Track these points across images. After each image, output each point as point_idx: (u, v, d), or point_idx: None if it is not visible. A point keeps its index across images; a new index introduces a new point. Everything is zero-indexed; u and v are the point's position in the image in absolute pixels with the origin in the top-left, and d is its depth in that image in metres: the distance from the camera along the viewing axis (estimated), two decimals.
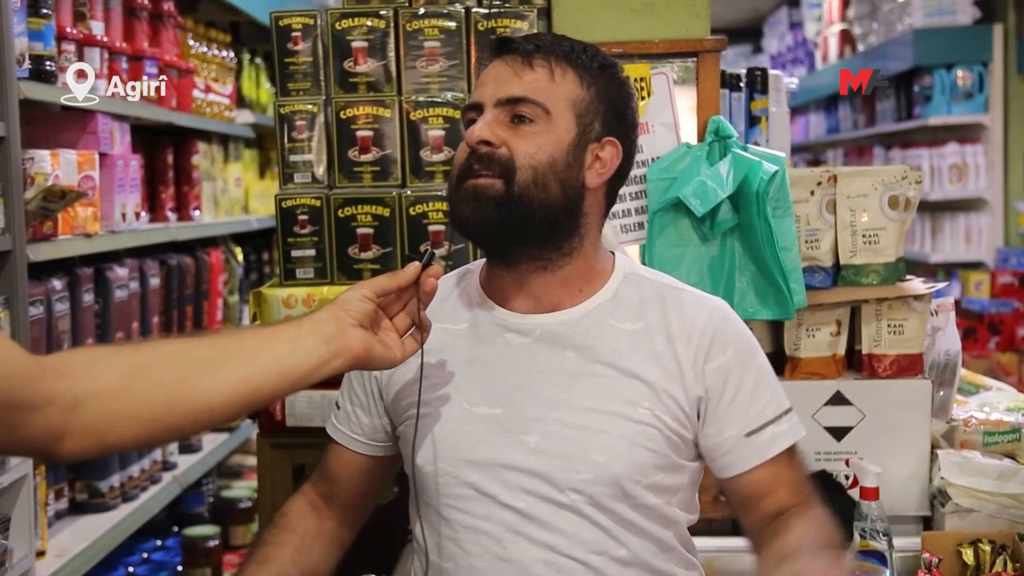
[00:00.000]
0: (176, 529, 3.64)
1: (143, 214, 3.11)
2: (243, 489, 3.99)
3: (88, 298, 2.77)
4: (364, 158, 2.23)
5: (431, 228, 2.20)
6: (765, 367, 1.61)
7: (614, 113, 1.59)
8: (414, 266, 1.46)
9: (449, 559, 1.55)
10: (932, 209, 6.16)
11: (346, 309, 1.41)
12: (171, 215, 3.46)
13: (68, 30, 2.64)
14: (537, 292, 1.57)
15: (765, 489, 1.57)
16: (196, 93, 3.61)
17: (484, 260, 1.65)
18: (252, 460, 4.08)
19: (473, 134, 1.52)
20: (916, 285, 2.21)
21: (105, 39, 2.85)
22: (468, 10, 2.23)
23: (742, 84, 2.35)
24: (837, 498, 2.05)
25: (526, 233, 1.53)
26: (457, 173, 1.55)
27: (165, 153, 3.50)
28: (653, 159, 2.18)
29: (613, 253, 1.66)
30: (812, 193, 2.21)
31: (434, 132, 2.21)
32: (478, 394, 1.56)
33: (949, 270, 6.07)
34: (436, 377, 1.57)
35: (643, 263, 2.10)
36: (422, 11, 2.23)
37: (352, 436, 1.68)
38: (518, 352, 1.56)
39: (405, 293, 1.47)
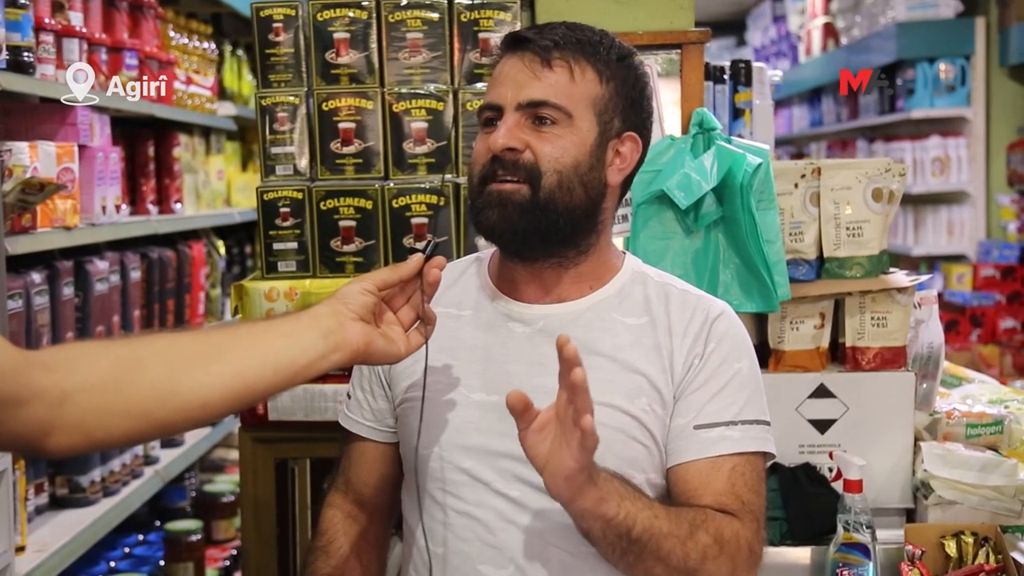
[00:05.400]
0: (158, 524, 3.62)
1: (124, 207, 3.09)
2: (225, 483, 3.98)
3: (68, 292, 2.74)
4: (346, 150, 2.21)
5: (414, 221, 2.18)
6: (747, 373, 1.57)
7: (632, 106, 1.58)
8: (417, 258, 1.44)
9: (440, 544, 1.55)
10: (915, 202, 6.18)
11: (345, 303, 1.39)
12: (152, 208, 3.44)
13: (46, 21, 2.62)
14: (548, 285, 1.58)
15: (692, 489, 1.51)
16: (177, 85, 3.59)
17: (494, 249, 1.64)
18: (234, 454, 4.08)
19: (497, 142, 1.51)
20: (900, 278, 2.21)
21: (84, 30, 2.82)
22: (451, 1, 2.22)
23: (726, 76, 2.35)
24: (821, 491, 2.05)
25: (550, 237, 1.53)
26: (479, 176, 1.54)
27: (146, 145, 3.47)
28: None
29: (625, 252, 1.67)
30: (796, 186, 2.21)
31: (417, 124, 2.20)
32: (477, 381, 1.56)
33: (931, 263, 6.10)
34: (436, 362, 1.56)
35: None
36: (404, 2, 2.22)
37: (369, 424, 1.67)
38: (520, 341, 1.56)
39: (409, 286, 1.45)
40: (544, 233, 1.52)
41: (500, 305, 1.60)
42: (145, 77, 3.11)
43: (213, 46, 4.08)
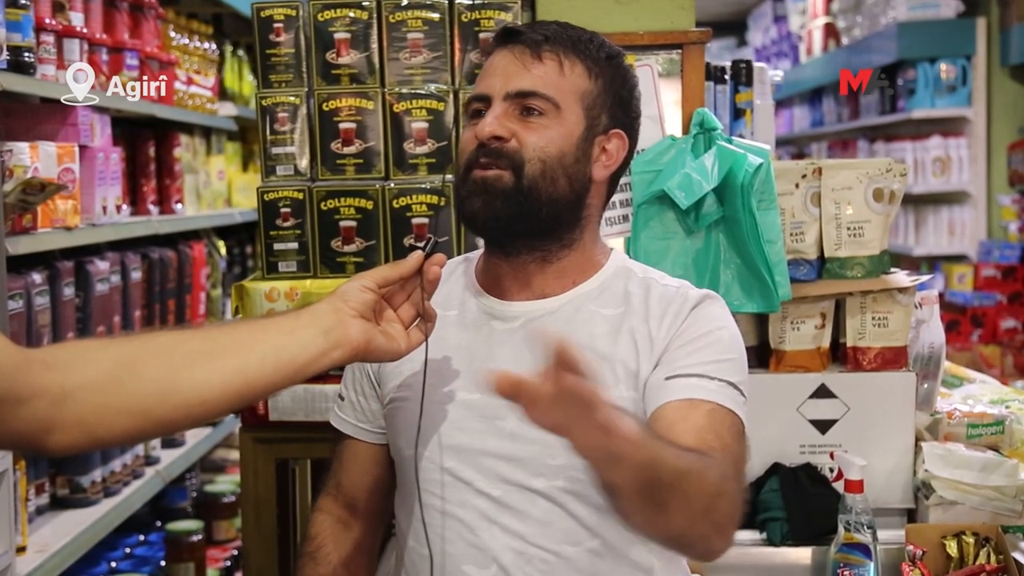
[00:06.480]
0: (159, 524, 3.62)
1: (124, 207, 3.09)
2: (226, 484, 3.98)
3: (68, 292, 2.74)
4: (347, 150, 2.21)
5: (414, 221, 2.18)
6: (727, 341, 1.53)
7: (620, 104, 1.60)
8: (417, 255, 1.45)
9: (425, 545, 1.55)
10: (915, 202, 6.18)
11: (345, 300, 1.39)
12: (153, 208, 3.44)
13: (47, 21, 2.62)
14: (532, 281, 1.58)
15: (670, 424, 1.43)
16: (178, 85, 3.59)
17: (482, 250, 1.65)
18: (235, 454, 4.07)
19: (484, 129, 1.52)
20: (900, 278, 2.21)
21: (85, 30, 2.82)
22: (451, 1, 2.22)
23: (727, 77, 2.35)
24: (821, 491, 2.05)
25: (531, 226, 1.54)
26: (465, 164, 1.55)
27: (147, 146, 3.47)
28: (638, 152, 2.17)
29: (612, 249, 1.67)
30: (797, 186, 2.21)
31: (417, 124, 2.20)
32: (461, 380, 1.57)
33: (932, 263, 6.10)
34: (419, 362, 1.56)
35: (628, 256, 2.10)
36: (405, 2, 2.22)
37: (361, 426, 1.68)
38: (501, 339, 1.57)
39: (409, 283, 1.46)
40: (526, 220, 1.52)
41: (483, 303, 1.61)
42: (145, 77, 3.12)
43: (214, 46, 4.08)
